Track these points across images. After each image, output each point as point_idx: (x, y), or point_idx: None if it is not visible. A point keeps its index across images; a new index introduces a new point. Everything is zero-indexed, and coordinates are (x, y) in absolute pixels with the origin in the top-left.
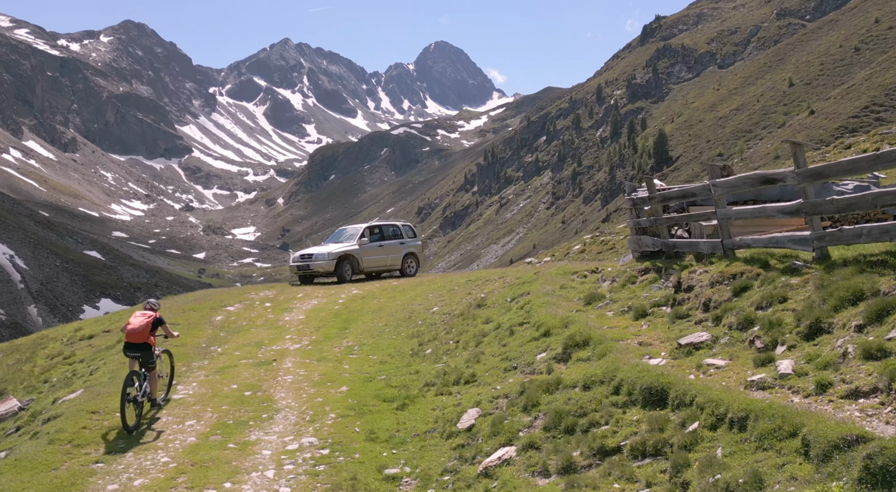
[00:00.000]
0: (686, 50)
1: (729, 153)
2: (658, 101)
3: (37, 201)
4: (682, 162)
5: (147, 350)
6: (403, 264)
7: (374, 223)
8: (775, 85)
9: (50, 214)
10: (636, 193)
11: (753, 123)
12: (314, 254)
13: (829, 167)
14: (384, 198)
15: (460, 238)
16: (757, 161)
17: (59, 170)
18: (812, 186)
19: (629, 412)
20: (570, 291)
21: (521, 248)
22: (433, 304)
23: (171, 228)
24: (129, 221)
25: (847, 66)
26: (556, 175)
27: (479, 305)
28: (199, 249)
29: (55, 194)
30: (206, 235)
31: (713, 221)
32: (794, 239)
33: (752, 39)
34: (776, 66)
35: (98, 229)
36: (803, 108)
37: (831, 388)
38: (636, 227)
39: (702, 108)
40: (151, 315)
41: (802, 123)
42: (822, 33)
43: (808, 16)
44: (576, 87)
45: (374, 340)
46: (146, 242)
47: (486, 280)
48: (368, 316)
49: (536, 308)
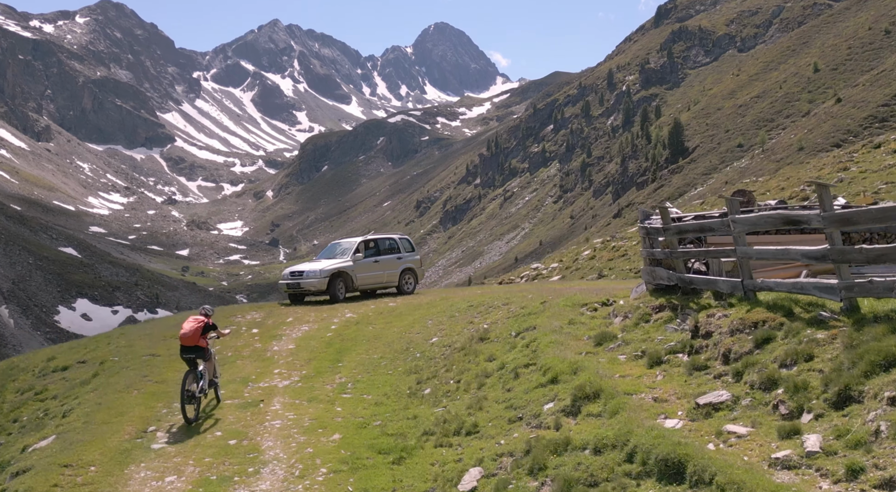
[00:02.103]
0: (703, 32)
1: (749, 144)
2: (673, 88)
3: (8, 194)
4: (698, 153)
5: (200, 352)
6: (401, 281)
7: (370, 237)
8: (799, 70)
9: (22, 208)
10: (650, 221)
11: (776, 111)
12: (305, 271)
13: (857, 215)
14: (381, 191)
15: (462, 233)
16: (779, 153)
17: (31, 160)
18: (838, 232)
19: (643, 485)
20: (578, 328)
21: (526, 244)
22: (432, 333)
23: (152, 222)
24: (108, 216)
25: (877, 50)
26: (564, 166)
27: (482, 338)
28: (183, 245)
29: (28, 187)
30: (191, 231)
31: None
32: (820, 287)
33: (774, 21)
34: (800, 50)
35: (74, 224)
36: (829, 95)
37: (863, 474)
38: (650, 257)
39: (720, 95)
40: (203, 320)
41: (828, 111)
42: (849, 14)
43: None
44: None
45: (369, 375)
46: (126, 238)
47: (488, 307)
48: (363, 346)
49: (543, 348)
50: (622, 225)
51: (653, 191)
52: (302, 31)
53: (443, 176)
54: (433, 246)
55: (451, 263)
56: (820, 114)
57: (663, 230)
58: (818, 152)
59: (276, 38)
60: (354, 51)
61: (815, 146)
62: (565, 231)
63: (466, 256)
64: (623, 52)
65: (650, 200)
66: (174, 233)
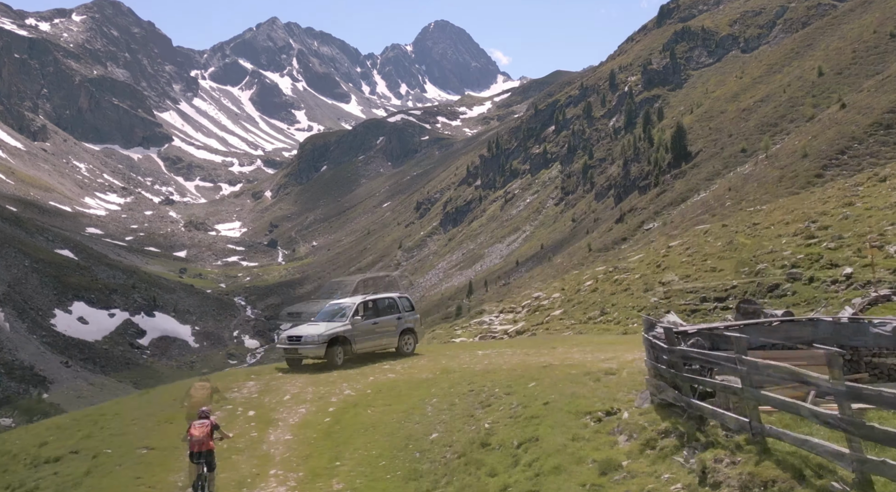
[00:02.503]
0: (706, 33)
1: (753, 149)
2: (676, 89)
3: (3, 195)
4: (701, 158)
5: (211, 455)
6: (400, 342)
7: (369, 298)
8: (803, 74)
9: (18, 209)
10: (654, 331)
11: (779, 115)
12: (303, 336)
13: (871, 397)
14: (380, 192)
15: (462, 236)
16: (783, 160)
17: (27, 160)
18: (849, 403)
19: None
20: (583, 447)
21: (528, 247)
22: (432, 425)
23: (149, 223)
24: (105, 217)
25: (882, 54)
26: (565, 168)
27: (483, 444)
28: (181, 246)
29: (23, 187)
30: (188, 232)
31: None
32: (832, 452)
33: (777, 21)
34: (804, 52)
35: (70, 225)
36: (834, 99)
37: None
38: (655, 371)
39: (723, 97)
40: (208, 423)
41: (833, 117)
42: (854, 16)
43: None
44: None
45: (368, 481)
46: (123, 239)
47: (489, 396)
48: (361, 438)
49: (546, 473)
50: (624, 232)
51: (655, 196)
52: (301, 29)
53: (443, 177)
54: (433, 248)
55: (452, 266)
56: (824, 119)
57: (668, 351)
58: (822, 160)
59: (274, 36)
60: (354, 49)
61: (820, 153)
62: (567, 234)
63: (467, 258)
64: (625, 52)
65: (652, 205)
66: (171, 234)
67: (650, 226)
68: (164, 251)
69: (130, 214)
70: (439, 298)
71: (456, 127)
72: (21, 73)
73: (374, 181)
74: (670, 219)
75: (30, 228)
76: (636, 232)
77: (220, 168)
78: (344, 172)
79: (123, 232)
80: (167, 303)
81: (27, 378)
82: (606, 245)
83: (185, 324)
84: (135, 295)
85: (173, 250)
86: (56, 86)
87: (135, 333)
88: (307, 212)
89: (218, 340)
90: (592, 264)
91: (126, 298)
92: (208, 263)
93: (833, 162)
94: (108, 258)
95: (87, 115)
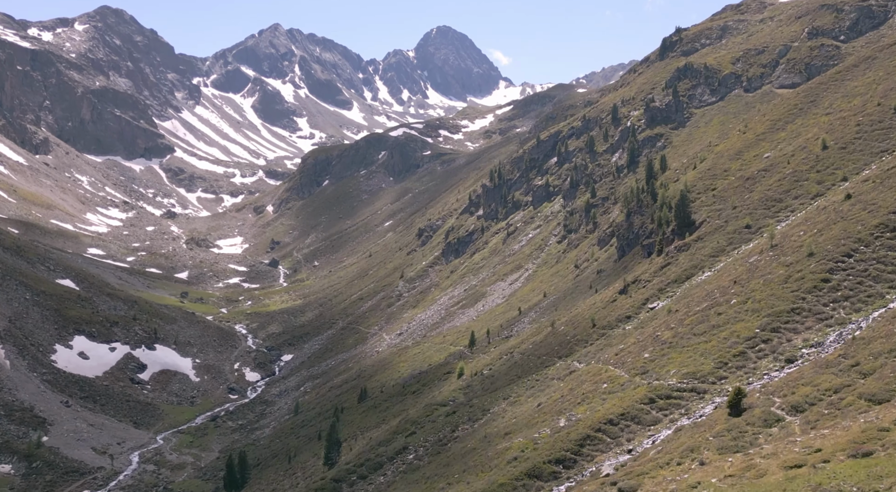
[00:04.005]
0: (709, 70)
1: (757, 226)
2: (679, 127)
3: (6, 216)
4: (705, 230)
5: None
6: None
7: None
8: (807, 144)
9: (20, 231)
10: None
11: (784, 190)
12: None
13: None
14: (382, 211)
15: (464, 269)
16: (789, 255)
17: (29, 176)
18: None
19: None
20: None
21: (530, 289)
22: None
23: (151, 241)
24: (106, 234)
25: (886, 130)
26: (567, 203)
27: None
28: (182, 267)
29: (26, 206)
30: (190, 249)
31: None
32: None
33: (780, 61)
34: (807, 109)
35: (73, 245)
36: (838, 177)
37: None
38: None
39: (726, 154)
40: None
41: (838, 210)
42: (858, 72)
43: (842, 35)
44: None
45: None
46: (124, 260)
47: None
48: None
49: None
50: (627, 308)
51: (659, 268)
52: (303, 36)
53: (446, 199)
54: (435, 279)
55: (454, 304)
56: (829, 210)
57: None
58: (829, 262)
59: (276, 42)
60: (356, 55)
61: (826, 254)
62: (570, 284)
63: (469, 296)
64: (628, 84)
65: (657, 278)
66: (173, 253)
67: (654, 305)
68: (165, 272)
69: (132, 229)
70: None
71: (458, 140)
72: (24, 85)
73: (376, 197)
74: (675, 307)
75: (31, 257)
76: (640, 310)
77: (221, 179)
78: (346, 186)
79: (125, 252)
80: (168, 335)
81: (27, 420)
82: (611, 322)
83: (185, 356)
84: (136, 327)
85: (175, 272)
86: (58, 97)
87: (135, 367)
88: (309, 229)
89: (218, 374)
90: (594, 351)
91: (127, 331)
92: (210, 285)
93: (839, 265)
94: (109, 287)
95: (89, 126)
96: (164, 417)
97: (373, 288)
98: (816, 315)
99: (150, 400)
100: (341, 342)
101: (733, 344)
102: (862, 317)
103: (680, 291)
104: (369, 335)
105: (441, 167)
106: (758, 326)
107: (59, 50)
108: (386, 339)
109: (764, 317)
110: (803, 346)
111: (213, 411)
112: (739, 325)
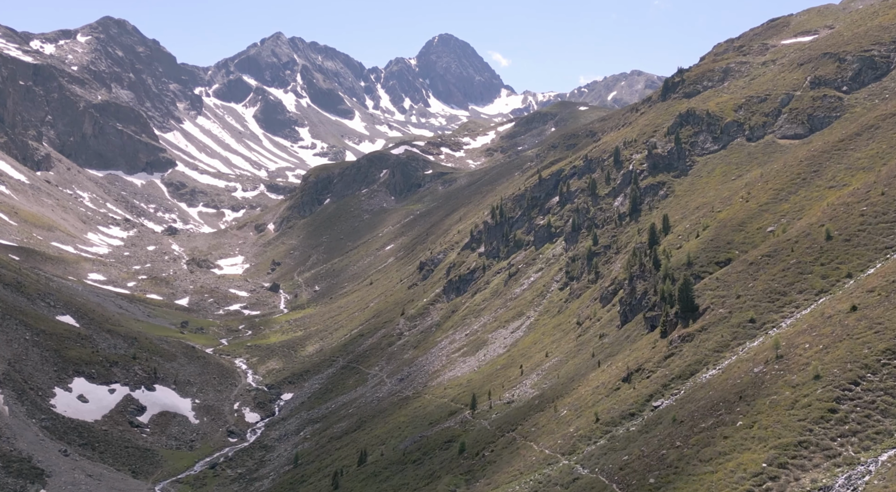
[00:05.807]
0: (711, 117)
1: (762, 321)
2: (681, 175)
3: (7, 240)
4: (709, 320)
5: None
6: None
7: None
8: (811, 231)
9: (21, 257)
10: None
11: (788, 283)
12: None
13: None
14: (384, 234)
15: (465, 310)
16: (795, 373)
17: (31, 195)
18: None
19: None
20: None
21: (531, 340)
22: None
23: (152, 263)
24: (107, 255)
25: (890, 225)
26: (570, 246)
27: None
28: (183, 293)
29: (26, 228)
30: (191, 272)
31: None
32: None
33: (783, 110)
34: (811, 179)
35: (73, 271)
36: (843, 272)
37: None
38: None
39: (729, 224)
40: None
41: (843, 324)
42: (861, 143)
43: (844, 86)
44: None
45: None
46: (125, 286)
47: None
48: None
49: None
50: (632, 404)
51: (664, 358)
52: (305, 44)
53: (446, 227)
54: (436, 318)
55: (455, 351)
56: (835, 323)
57: None
58: (835, 389)
59: (278, 51)
60: (358, 63)
61: (833, 379)
62: (572, 345)
63: (470, 342)
64: (630, 124)
65: (661, 369)
66: (174, 278)
67: (658, 404)
68: (166, 299)
69: (133, 250)
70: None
71: (459, 158)
72: (25, 100)
73: (378, 218)
74: (679, 415)
75: (31, 294)
76: (644, 407)
77: (223, 193)
78: (347, 205)
79: (126, 277)
80: (168, 374)
81: (25, 472)
82: (614, 419)
83: (185, 396)
84: (136, 367)
85: (175, 297)
86: (60, 112)
87: (135, 409)
88: (310, 249)
89: (218, 415)
90: (598, 455)
91: (127, 371)
92: (210, 313)
93: (846, 394)
94: (109, 322)
95: (90, 141)
96: (162, 463)
97: (374, 324)
98: (824, 451)
99: (149, 445)
100: (341, 383)
101: (740, 479)
102: (871, 457)
103: (683, 392)
104: (370, 376)
105: (442, 187)
106: (765, 459)
107: (61, 63)
108: (387, 384)
109: (771, 448)
110: (812, 488)
111: (213, 456)
112: (746, 456)
